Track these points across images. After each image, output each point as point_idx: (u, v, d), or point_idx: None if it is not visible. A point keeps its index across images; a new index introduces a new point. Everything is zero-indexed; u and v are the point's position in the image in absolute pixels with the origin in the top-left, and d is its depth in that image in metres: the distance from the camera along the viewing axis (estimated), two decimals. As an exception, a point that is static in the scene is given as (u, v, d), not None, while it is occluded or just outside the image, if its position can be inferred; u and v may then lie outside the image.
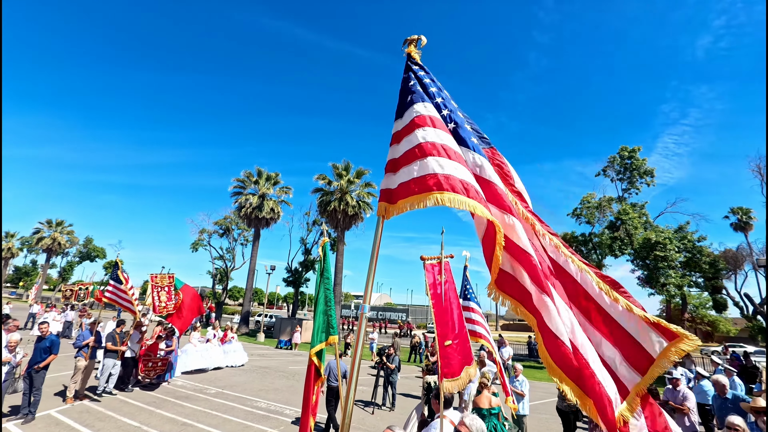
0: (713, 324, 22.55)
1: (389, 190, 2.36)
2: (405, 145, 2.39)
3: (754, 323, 22.39)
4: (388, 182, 2.39)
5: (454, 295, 5.97)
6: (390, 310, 56.65)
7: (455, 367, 5.42)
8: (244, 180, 33.31)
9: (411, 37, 2.69)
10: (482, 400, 5.97)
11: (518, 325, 65.37)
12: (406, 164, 2.31)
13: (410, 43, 2.69)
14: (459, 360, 5.51)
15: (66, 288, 29.41)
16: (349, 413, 2.06)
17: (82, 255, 58.90)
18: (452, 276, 6.14)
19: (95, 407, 8.77)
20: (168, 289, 11.58)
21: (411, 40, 2.68)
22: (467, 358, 5.68)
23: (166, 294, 11.45)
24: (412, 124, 2.40)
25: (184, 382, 11.95)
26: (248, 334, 29.88)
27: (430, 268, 6.02)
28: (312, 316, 16.62)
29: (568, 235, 25.47)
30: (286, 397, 10.89)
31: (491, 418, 5.75)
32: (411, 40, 2.68)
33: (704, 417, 8.14)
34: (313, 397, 4.40)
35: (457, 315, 5.89)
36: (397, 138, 2.50)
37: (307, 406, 4.31)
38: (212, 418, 8.59)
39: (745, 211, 33.37)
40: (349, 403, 2.06)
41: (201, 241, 39.81)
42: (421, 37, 2.65)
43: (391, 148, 2.52)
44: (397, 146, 2.46)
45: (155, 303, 11.25)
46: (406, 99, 2.56)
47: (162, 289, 11.45)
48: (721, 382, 6.88)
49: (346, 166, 29.50)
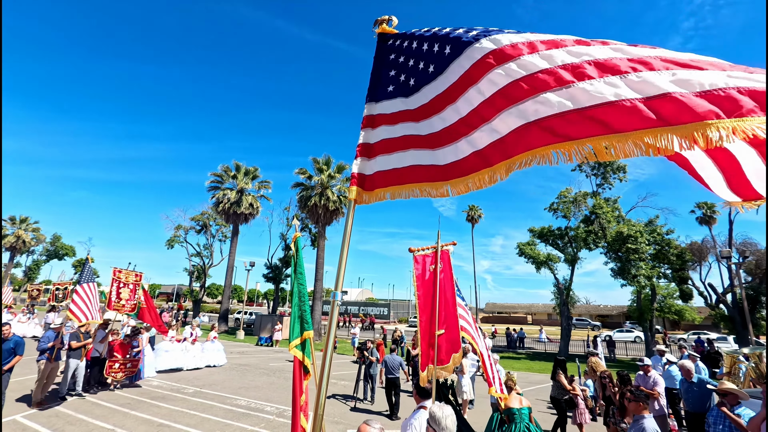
0: (680, 313, 23.62)
1: (363, 176, 2.29)
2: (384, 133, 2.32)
3: (717, 311, 23.63)
4: (362, 166, 2.31)
5: (449, 285, 5.97)
6: (372, 305, 56.84)
7: (443, 355, 5.52)
8: (221, 174, 32.50)
9: (381, 17, 2.57)
10: (512, 400, 5.80)
11: (497, 318, 66.83)
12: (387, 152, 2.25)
13: (381, 23, 2.56)
14: (447, 347, 5.61)
15: (32, 288, 27.99)
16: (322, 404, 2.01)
17: (49, 253, 56.23)
18: (450, 264, 6.07)
19: (64, 410, 8.41)
20: (133, 287, 11.05)
21: (381, 20, 2.56)
22: (455, 345, 5.75)
23: (129, 292, 10.90)
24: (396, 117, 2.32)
25: (161, 382, 11.62)
26: (227, 332, 29.34)
27: (420, 259, 6.00)
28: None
29: (545, 229, 26.11)
30: (266, 394, 10.76)
31: (523, 418, 5.57)
32: (381, 20, 2.56)
33: (672, 400, 8.55)
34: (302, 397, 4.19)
35: (452, 304, 5.93)
36: (371, 121, 2.41)
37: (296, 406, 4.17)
38: (190, 417, 8.39)
39: (710, 206, 35.16)
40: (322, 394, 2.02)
41: (177, 237, 38.63)
42: (392, 17, 2.53)
43: (363, 131, 2.41)
44: (371, 130, 2.38)
45: (111, 299, 10.63)
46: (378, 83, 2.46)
47: (125, 286, 10.89)
48: (687, 366, 7.23)
49: (327, 161, 29.20)
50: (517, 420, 5.55)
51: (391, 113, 2.36)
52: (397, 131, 2.31)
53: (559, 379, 7.98)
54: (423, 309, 5.72)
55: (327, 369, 2.05)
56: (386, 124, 2.37)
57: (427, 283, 5.85)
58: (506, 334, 29.78)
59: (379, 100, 2.44)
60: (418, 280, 5.91)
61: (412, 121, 2.24)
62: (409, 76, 2.27)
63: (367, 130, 2.40)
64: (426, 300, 5.74)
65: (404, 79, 2.31)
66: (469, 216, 64.46)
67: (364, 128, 2.42)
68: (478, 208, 62.27)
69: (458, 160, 1.98)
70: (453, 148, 2.01)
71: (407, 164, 2.18)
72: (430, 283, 5.78)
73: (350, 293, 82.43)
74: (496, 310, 71.12)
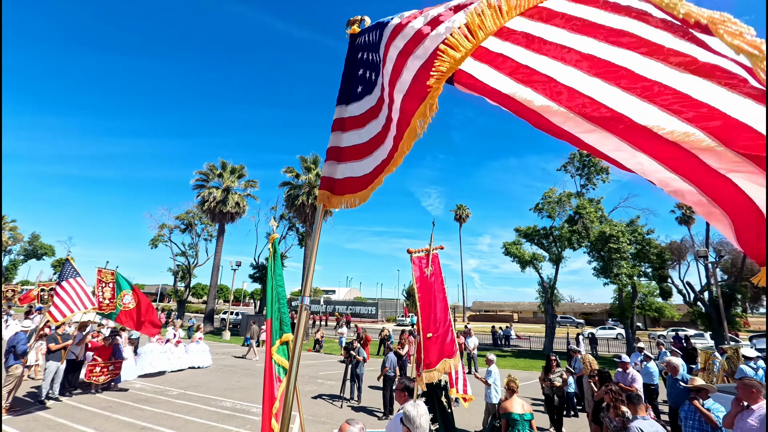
0: (660, 310, 24.29)
1: (333, 179, 2.28)
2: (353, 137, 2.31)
3: (695, 309, 24.38)
4: (331, 170, 2.31)
5: (439, 288, 5.98)
6: (360, 304, 56.81)
7: (432, 358, 5.50)
8: (207, 173, 32.03)
9: (353, 18, 2.57)
10: (513, 405, 5.25)
11: (484, 316, 67.60)
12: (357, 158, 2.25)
13: (353, 23, 2.57)
14: (437, 351, 5.56)
15: (7, 288, 27.12)
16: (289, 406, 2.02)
17: (27, 253, 54.56)
18: (440, 268, 6.11)
19: (43, 415, 8.22)
20: (112, 287, 10.81)
21: (353, 21, 2.57)
22: (449, 350, 5.70)
23: (110, 291, 10.67)
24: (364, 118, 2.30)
25: (143, 384, 11.43)
26: (213, 332, 28.97)
27: (417, 261, 5.95)
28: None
29: (531, 229, 26.52)
30: (252, 396, 10.69)
31: (525, 425, 5.05)
32: (354, 20, 2.57)
33: (649, 396, 8.81)
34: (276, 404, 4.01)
35: (441, 308, 5.91)
36: (341, 125, 2.39)
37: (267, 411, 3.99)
38: (174, 420, 8.29)
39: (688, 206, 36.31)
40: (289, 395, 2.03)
41: (161, 237, 37.93)
42: (364, 17, 2.54)
43: (333, 134, 2.40)
44: (341, 134, 2.37)
45: (99, 299, 10.37)
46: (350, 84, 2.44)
47: (106, 285, 10.67)
48: (673, 363, 7.41)
49: (315, 159, 29.05)
50: (518, 428, 5.03)
51: (360, 115, 2.34)
52: (363, 136, 2.29)
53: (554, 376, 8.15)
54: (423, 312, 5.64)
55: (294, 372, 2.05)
56: (357, 128, 2.34)
57: (425, 285, 5.82)
58: (491, 332, 30.16)
59: (350, 103, 2.42)
60: (417, 282, 5.81)
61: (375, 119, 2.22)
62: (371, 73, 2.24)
63: (338, 134, 2.39)
64: (424, 302, 5.71)
65: (368, 76, 2.28)
66: (457, 215, 64.92)
67: (335, 131, 2.41)
68: (466, 207, 62.84)
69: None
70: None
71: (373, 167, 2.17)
72: (428, 286, 5.77)
73: (338, 292, 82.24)
74: (483, 309, 71.91)
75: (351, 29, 2.54)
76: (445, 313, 5.89)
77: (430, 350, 5.53)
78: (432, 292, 5.79)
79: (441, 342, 5.67)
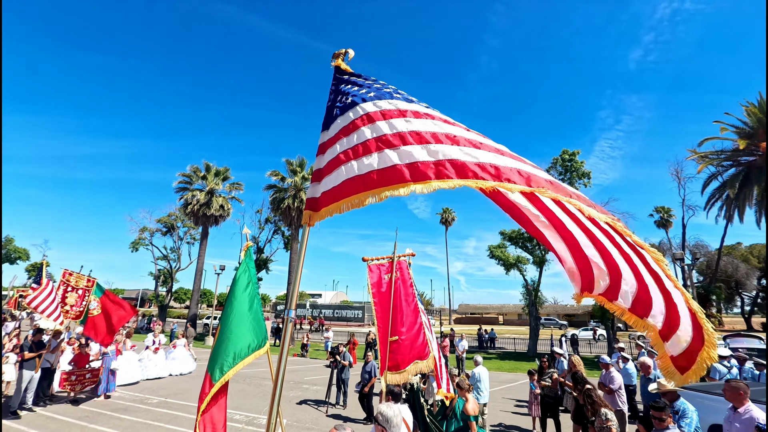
0: (639, 311, 24.95)
1: (314, 199, 2.48)
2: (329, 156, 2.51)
3: (672, 310, 25.12)
4: (313, 191, 2.51)
5: (407, 292, 6.15)
6: (346, 307, 56.46)
7: (399, 360, 5.65)
8: (190, 175, 31.49)
9: (338, 51, 2.82)
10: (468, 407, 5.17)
11: (470, 318, 68.09)
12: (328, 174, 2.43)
13: (338, 56, 2.80)
14: (406, 354, 5.73)
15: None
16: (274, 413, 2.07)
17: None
18: (409, 273, 6.33)
19: (16, 426, 7.91)
20: (83, 293, 10.39)
21: (338, 54, 2.80)
22: (419, 352, 5.86)
23: (77, 297, 10.25)
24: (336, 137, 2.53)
25: (122, 392, 11.11)
26: (196, 338, 28.37)
27: (374, 269, 6.30)
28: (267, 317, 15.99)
29: (515, 232, 26.92)
30: (235, 402, 10.50)
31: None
32: (338, 53, 2.81)
33: (628, 396, 9.02)
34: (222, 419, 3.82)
35: (411, 311, 6.08)
36: (322, 149, 2.60)
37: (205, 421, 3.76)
38: (154, 429, 8.09)
39: (666, 210, 37.50)
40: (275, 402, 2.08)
41: (142, 240, 37.14)
42: (348, 50, 2.80)
43: (317, 158, 2.63)
44: (322, 156, 2.57)
45: (60, 305, 9.91)
46: (332, 112, 2.65)
47: (74, 291, 10.22)
48: (646, 363, 7.65)
49: (301, 162, 28.92)
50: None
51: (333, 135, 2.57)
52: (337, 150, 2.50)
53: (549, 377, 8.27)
54: (380, 317, 5.92)
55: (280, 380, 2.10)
56: (330, 147, 2.56)
57: (383, 291, 6.11)
58: (478, 334, 30.44)
59: (328, 127, 2.64)
60: (373, 288, 6.18)
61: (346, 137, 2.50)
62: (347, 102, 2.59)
63: (320, 157, 2.59)
64: (383, 306, 5.96)
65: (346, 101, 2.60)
66: (443, 218, 65.45)
67: (318, 156, 2.62)
68: (452, 210, 63.41)
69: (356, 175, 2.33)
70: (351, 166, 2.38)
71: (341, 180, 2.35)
72: (387, 292, 6.00)
73: (324, 296, 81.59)
74: (469, 311, 72.48)
75: (335, 61, 2.81)
76: (415, 317, 6.06)
77: (398, 353, 5.69)
78: (398, 296, 6.03)
79: (410, 344, 5.85)
